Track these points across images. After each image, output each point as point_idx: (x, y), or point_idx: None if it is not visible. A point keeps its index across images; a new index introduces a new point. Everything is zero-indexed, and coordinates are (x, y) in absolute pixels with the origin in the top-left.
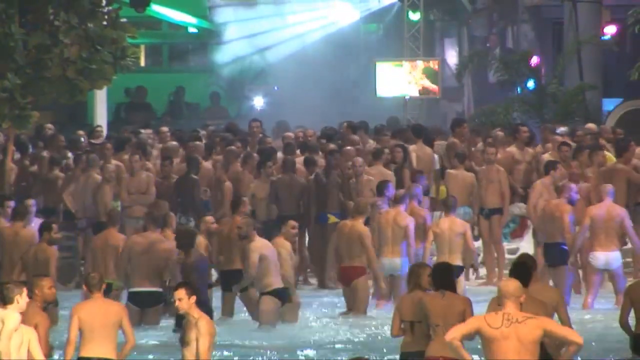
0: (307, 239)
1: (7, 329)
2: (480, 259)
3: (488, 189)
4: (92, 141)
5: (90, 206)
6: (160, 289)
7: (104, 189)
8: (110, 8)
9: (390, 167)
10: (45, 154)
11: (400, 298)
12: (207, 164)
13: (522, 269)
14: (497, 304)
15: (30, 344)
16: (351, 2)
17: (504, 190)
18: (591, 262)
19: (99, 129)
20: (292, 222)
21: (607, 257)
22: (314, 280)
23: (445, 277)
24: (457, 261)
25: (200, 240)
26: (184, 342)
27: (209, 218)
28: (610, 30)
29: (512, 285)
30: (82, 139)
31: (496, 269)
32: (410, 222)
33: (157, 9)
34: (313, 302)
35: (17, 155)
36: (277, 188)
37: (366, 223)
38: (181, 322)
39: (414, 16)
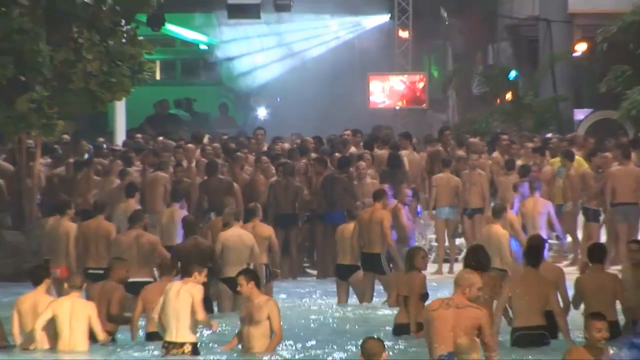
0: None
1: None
2: (464, 253)
3: (471, 191)
4: (113, 147)
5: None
6: None
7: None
8: (129, 27)
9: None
10: (70, 159)
11: (398, 275)
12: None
13: (535, 251)
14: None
15: (91, 319)
16: (346, 22)
17: (485, 192)
18: None
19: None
20: None
21: None
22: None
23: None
24: None
25: None
26: (252, 321)
27: None
28: (581, 47)
29: (461, 275)
30: (104, 145)
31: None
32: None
33: (171, 28)
34: (317, 290)
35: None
36: (275, 190)
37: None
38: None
39: (404, 34)
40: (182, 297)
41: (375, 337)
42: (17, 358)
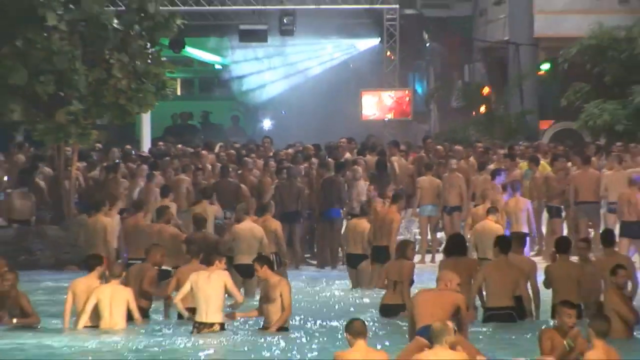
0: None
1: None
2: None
3: (450, 192)
4: (139, 153)
5: None
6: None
7: (151, 191)
8: (153, 49)
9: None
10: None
11: (389, 262)
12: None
13: (504, 241)
14: None
15: (129, 303)
16: (341, 45)
17: (462, 192)
18: None
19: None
20: None
21: None
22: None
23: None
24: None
25: None
26: (268, 299)
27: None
28: (544, 67)
29: (444, 274)
30: (133, 152)
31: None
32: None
33: (190, 50)
34: (321, 277)
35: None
36: (280, 190)
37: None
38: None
39: (391, 55)
40: (213, 282)
41: (360, 318)
42: (65, 335)
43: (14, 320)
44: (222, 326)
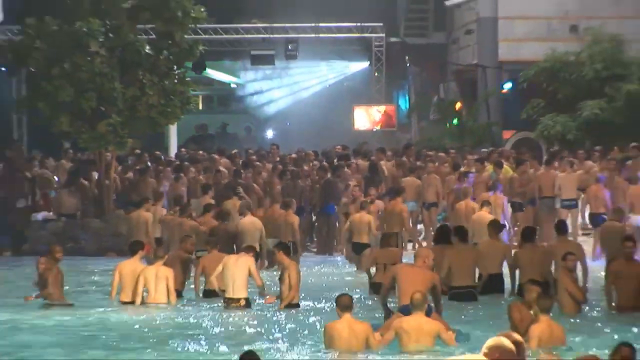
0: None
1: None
2: (422, 235)
3: (428, 190)
4: (168, 158)
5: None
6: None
7: (178, 189)
8: (179, 71)
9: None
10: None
11: (378, 250)
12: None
13: (462, 231)
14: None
15: (168, 281)
16: (336, 66)
17: (439, 191)
18: None
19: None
20: None
21: None
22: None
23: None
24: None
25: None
26: (282, 279)
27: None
28: (507, 85)
29: (421, 251)
30: (162, 157)
31: (432, 243)
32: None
33: (209, 71)
34: (321, 262)
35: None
36: (286, 190)
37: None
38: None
39: (379, 76)
40: (240, 265)
41: (347, 294)
42: (117, 308)
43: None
44: (246, 301)
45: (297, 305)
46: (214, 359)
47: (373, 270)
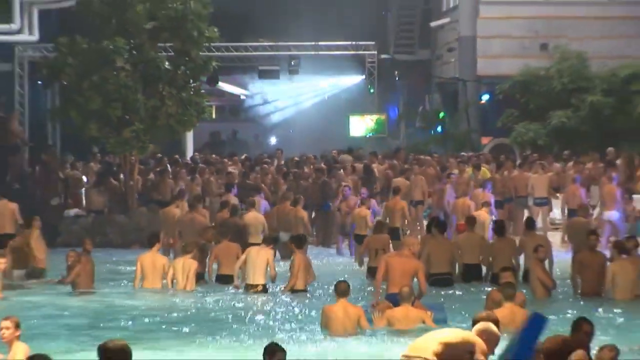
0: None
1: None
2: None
3: (415, 190)
4: (185, 161)
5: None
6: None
7: (193, 188)
8: (195, 84)
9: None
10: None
11: (370, 236)
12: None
13: (441, 223)
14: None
15: (189, 273)
16: (334, 80)
17: (424, 191)
18: None
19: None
20: None
21: None
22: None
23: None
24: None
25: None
26: (290, 268)
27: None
28: (485, 97)
29: (408, 239)
30: (179, 160)
31: (418, 236)
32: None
33: (221, 84)
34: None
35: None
36: (289, 189)
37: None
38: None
39: (372, 88)
40: (261, 256)
41: (345, 281)
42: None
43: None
44: (264, 286)
45: (304, 291)
46: (227, 336)
47: (366, 259)
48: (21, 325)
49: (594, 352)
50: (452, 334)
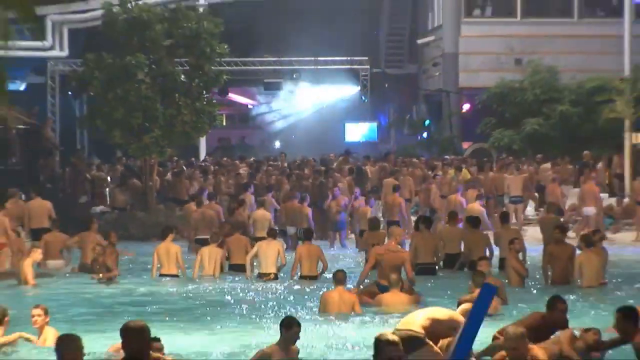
0: None
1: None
2: None
3: (403, 189)
4: (199, 164)
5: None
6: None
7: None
8: (207, 95)
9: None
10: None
11: (367, 232)
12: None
13: (425, 219)
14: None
15: (216, 261)
16: (332, 90)
17: (412, 190)
18: None
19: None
20: None
21: None
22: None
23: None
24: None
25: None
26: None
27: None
28: (466, 106)
29: (393, 230)
30: (194, 163)
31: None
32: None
33: (231, 95)
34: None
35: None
36: (292, 189)
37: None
38: None
39: (365, 98)
40: (271, 248)
41: (342, 270)
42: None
43: (101, 275)
44: (275, 275)
45: (311, 277)
46: (240, 317)
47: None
48: (50, 311)
49: (576, 332)
50: (440, 311)
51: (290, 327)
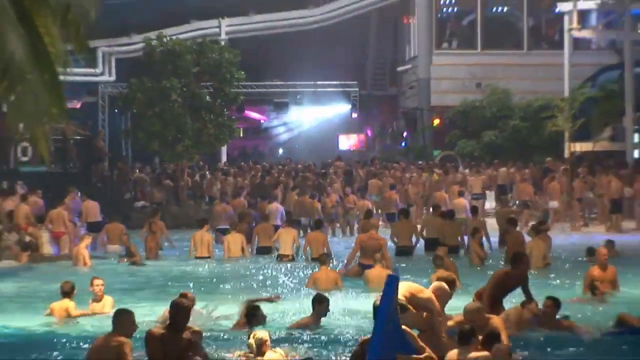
0: None
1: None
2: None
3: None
4: (220, 167)
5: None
6: None
7: (224, 188)
8: (227, 112)
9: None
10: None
11: (363, 221)
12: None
13: (404, 211)
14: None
15: (242, 242)
16: (327, 108)
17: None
18: None
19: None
20: None
21: None
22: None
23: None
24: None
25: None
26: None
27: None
28: (436, 121)
29: (374, 222)
30: (216, 167)
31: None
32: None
33: (247, 112)
34: None
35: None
36: (298, 187)
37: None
38: None
39: (354, 115)
40: (289, 234)
41: (325, 253)
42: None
43: (125, 260)
44: (292, 256)
45: (325, 261)
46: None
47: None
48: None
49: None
50: (423, 290)
51: (321, 302)
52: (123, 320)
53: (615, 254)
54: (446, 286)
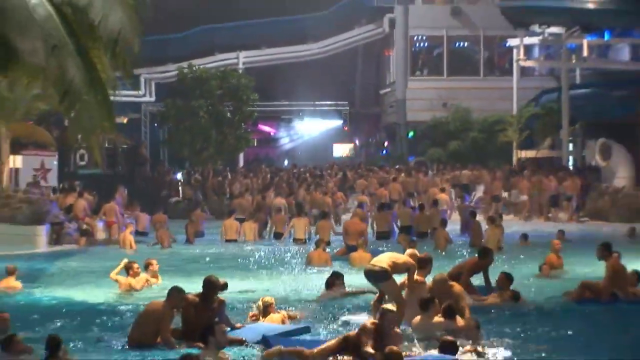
0: None
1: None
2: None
3: (370, 187)
4: (238, 170)
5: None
6: None
7: (242, 185)
8: (244, 126)
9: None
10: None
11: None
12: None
13: (385, 205)
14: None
15: (254, 230)
16: (324, 122)
17: (375, 187)
18: None
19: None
20: None
21: None
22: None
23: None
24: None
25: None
26: None
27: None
28: (411, 134)
29: (357, 211)
30: (236, 169)
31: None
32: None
33: (260, 126)
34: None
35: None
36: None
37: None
38: None
39: (346, 128)
40: (302, 222)
41: (319, 238)
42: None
43: (152, 244)
44: (306, 240)
45: (327, 243)
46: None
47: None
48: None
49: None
50: (400, 257)
51: (337, 278)
52: (174, 295)
53: (565, 241)
54: (417, 252)
